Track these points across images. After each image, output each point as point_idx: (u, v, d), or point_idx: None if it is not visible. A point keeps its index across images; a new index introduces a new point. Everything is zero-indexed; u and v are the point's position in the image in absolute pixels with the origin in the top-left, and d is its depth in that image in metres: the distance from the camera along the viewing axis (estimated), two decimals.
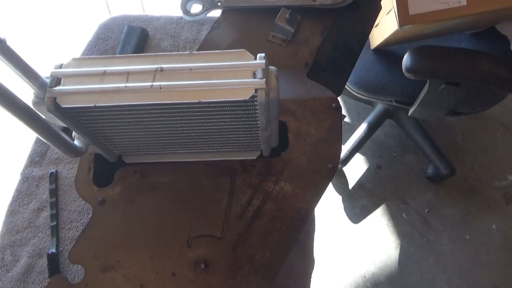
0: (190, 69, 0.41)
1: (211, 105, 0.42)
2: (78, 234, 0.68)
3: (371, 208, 1.47)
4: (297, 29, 0.68)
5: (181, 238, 0.53)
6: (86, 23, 1.73)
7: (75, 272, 0.65)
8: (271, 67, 0.43)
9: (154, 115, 0.44)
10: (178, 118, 0.45)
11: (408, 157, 1.55)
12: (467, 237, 1.39)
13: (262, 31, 0.69)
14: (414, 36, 1.05)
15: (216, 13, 0.73)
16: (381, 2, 0.83)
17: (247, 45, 0.68)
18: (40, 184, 0.74)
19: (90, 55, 0.89)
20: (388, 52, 1.14)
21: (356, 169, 1.54)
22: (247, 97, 0.40)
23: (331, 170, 0.57)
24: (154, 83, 0.40)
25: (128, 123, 0.46)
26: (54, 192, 0.72)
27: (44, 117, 0.42)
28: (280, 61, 0.67)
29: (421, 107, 1.02)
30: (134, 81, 0.41)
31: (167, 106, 0.42)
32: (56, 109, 0.40)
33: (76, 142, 0.49)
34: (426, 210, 1.45)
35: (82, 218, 0.70)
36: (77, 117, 0.44)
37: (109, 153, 0.54)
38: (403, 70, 0.89)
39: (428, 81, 0.94)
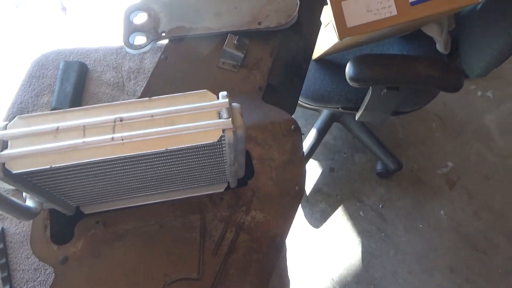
0: (152, 115, 0.40)
1: (178, 150, 0.40)
2: None
3: (330, 210, 1.51)
4: (246, 53, 0.68)
5: (156, 286, 0.51)
6: (18, 60, 1.61)
7: None
8: (234, 104, 0.42)
9: (116, 166, 0.42)
10: (142, 165, 0.43)
11: (358, 156, 1.62)
12: (420, 225, 1.48)
13: (211, 58, 0.68)
14: (351, 45, 1.11)
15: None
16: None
17: (198, 74, 0.67)
18: None
19: (25, 95, 0.82)
20: (329, 61, 1.19)
21: (311, 174, 1.57)
22: (215, 140, 0.39)
23: (299, 192, 0.58)
24: (115, 135, 0.38)
25: (88, 176, 0.43)
26: (3, 252, 0.66)
27: None
28: (234, 87, 0.66)
29: (366, 111, 1.07)
30: (93, 135, 0.38)
31: (130, 158, 0.40)
32: (6, 175, 0.37)
33: (28, 203, 0.45)
34: (380, 205, 1.52)
35: (39, 276, 0.65)
36: (30, 179, 0.41)
37: (66, 207, 0.50)
38: (347, 79, 0.93)
39: (370, 87, 0.99)
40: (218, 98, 0.42)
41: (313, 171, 1.58)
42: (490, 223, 1.48)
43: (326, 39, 0.99)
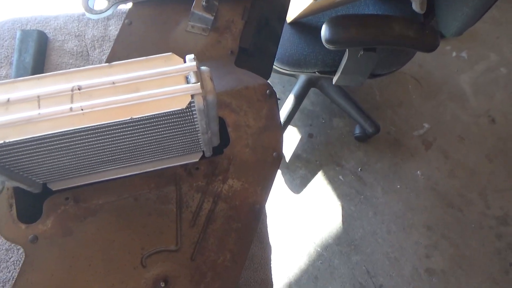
0: (113, 82, 0.37)
1: (144, 119, 0.38)
2: (13, 279, 0.60)
3: (310, 176, 1.52)
4: (216, 16, 0.64)
5: (133, 260, 0.49)
6: None
7: None
8: (203, 68, 0.39)
9: (79, 138, 0.39)
10: (107, 136, 0.41)
11: (336, 121, 1.62)
12: (398, 186, 1.51)
13: (179, 22, 0.64)
14: (327, 6, 1.07)
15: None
16: None
17: (165, 39, 0.63)
18: None
19: None
20: (304, 24, 1.15)
21: (290, 141, 1.57)
22: (183, 106, 0.36)
23: (276, 158, 0.56)
24: (74, 105, 0.35)
25: (50, 151, 0.41)
26: None
27: None
28: (205, 52, 0.63)
29: (343, 74, 1.05)
30: (48, 105, 0.35)
31: (93, 128, 0.37)
32: None
33: None
34: (359, 169, 1.53)
35: (12, 256, 0.62)
36: None
37: (31, 184, 0.48)
38: (323, 42, 0.91)
39: (347, 49, 0.96)
40: (184, 61, 0.39)
41: (292, 137, 1.58)
42: (464, 181, 1.53)
43: (302, 1, 0.96)
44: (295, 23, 1.13)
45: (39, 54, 0.77)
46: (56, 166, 0.45)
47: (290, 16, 1.10)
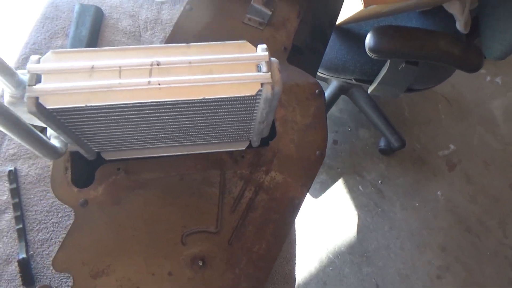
0: (190, 62, 0.38)
1: (213, 101, 0.39)
2: (51, 240, 0.63)
3: (330, 182, 1.52)
4: (273, 12, 0.66)
5: (174, 236, 0.51)
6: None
7: (51, 277, 0.60)
8: (273, 59, 0.41)
9: (147, 111, 0.41)
10: (171, 113, 0.42)
11: (362, 131, 1.62)
12: (417, 204, 1.50)
13: (237, 13, 0.66)
14: (373, 15, 1.08)
15: None
16: None
17: (222, 28, 0.65)
18: None
19: (38, 36, 0.79)
20: (347, 30, 1.16)
21: None
22: (253, 93, 0.38)
23: (319, 157, 0.57)
24: (152, 79, 0.37)
25: (116, 120, 0.42)
26: (15, 192, 0.65)
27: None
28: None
29: (380, 85, 1.06)
30: (128, 77, 0.37)
31: (164, 104, 0.39)
32: (39, 110, 0.36)
33: (53, 142, 0.44)
34: (379, 182, 1.53)
35: (52, 218, 0.65)
36: (59, 117, 0.40)
37: (88, 151, 0.50)
38: (367, 50, 0.91)
39: (388, 60, 0.97)
40: (256, 50, 0.40)
41: None
42: (485, 207, 1.51)
43: (349, 6, 0.97)
44: (338, 28, 1.14)
45: (95, 29, 0.80)
46: (116, 137, 0.47)
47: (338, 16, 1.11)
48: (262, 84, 0.39)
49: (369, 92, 1.11)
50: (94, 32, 0.80)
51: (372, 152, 1.58)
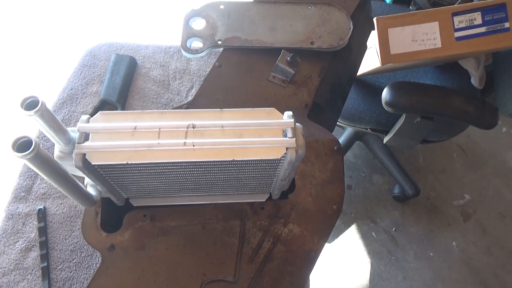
0: (222, 126, 0.42)
1: (242, 162, 0.43)
2: (73, 279, 0.65)
3: (343, 227, 1.52)
4: (297, 70, 0.70)
5: (194, 283, 0.53)
6: (71, 48, 1.68)
7: None
8: (298, 125, 0.44)
9: (181, 168, 0.44)
10: (202, 170, 0.46)
11: (376, 177, 1.63)
12: (431, 254, 1.48)
13: (262, 71, 0.71)
14: (389, 69, 1.13)
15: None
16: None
17: (249, 85, 0.69)
18: (27, 222, 0.70)
19: (75, 82, 0.86)
20: (363, 81, 1.21)
21: None
22: (278, 156, 0.41)
23: (336, 211, 0.60)
24: (187, 140, 0.41)
25: (150, 174, 0.46)
26: (43, 231, 0.69)
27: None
28: (281, 102, 0.69)
29: (396, 136, 1.09)
30: (167, 138, 0.41)
31: (197, 163, 0.42)
32: (85, 165, 0.40)
33: (89, 190, 0.48)
34: (393, 229, 1.53)
35: (75, 258, 0.68)
36: (99, 170, 0.43)
37: (119, 198, 0.53)
38: (383, 104, 0.95)
39: (405, 114, 1.00)
40: (283, 116, 0.44)
41: None
42: (501, 260, 1.48)
43: (367, 61, 1.01)
44: (356, 79, 1.19)
45: (128, 77, 0.86)
46: (146, 186, 0.51)
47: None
48: (287, 148, 0.42)
49: (384, 142, 1.14)
50: (127, 80, 0.86)
51: (386, 198, 1.59)
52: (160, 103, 0.85)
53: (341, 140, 1.55)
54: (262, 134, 0.42)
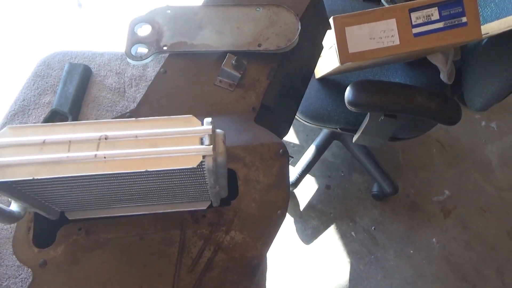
0: (136, 136, 0.41)
1: (157, 172, 0.41)
2: None
3: (322, 228, 1.51)
4: (243, 74, 0.69)
5: None
6: (25, 58, 1.66)
7: None
8: (219, 131, 0.43)
9: (98, 180, 0.43)
10: (123, 181, 0.44)
11: (355, 176, 1.62)
12: (411, 251, 1.48)
13: (209, 75, 0.70)
14: (354, 68, 1.12)
15: None
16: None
17: (195, 90, 0.68)
18: None
19: (27, 93, 0.84)
20: (331, 81, 1.20)
21: (306, 190, 1.58)
22: (194, 165, 0.40)
23: (280, 216, 0.59)
24: (98, 153, 0.40)
25: (71, 187, 0.45)
26: None
27: None
28: (228, 106, 0.68)
29: (364, 135, 1.08)
30: (77, 150, 0.40)
31: (111, 175, 0.41)
32: None
33: (12, 207, 0.47)
34: (373, 228, 1.52)
35: (21, 273, 0.66)
36: (15, 186, 0.42)
37: (50, 212, 0.52)
38: (346, 103, 0.94)
39: (369, 113, 0.99)
40: (202, 123, 0.43)
41: (309, 187, 1.59)
42: (481, 255, 1.48)
43: (329, 61, 1.01)
44: (323, 79, 1.18)
45: (82, 86, 0.84)
46: (75, 200, 0.49)
47: (318, 73, 1.15)
48: (204, 156, 0.41)
49: (353, 141, 1.13)
50: (81, 89, 0.84)
51: (365, 197, 1.58)
52: (115, 111, 0.84)
53: (317, 140, 1.54)
54: (178, 143, 0.41)
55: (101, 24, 1.83)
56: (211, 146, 0.41)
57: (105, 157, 0.39)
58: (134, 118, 0.42)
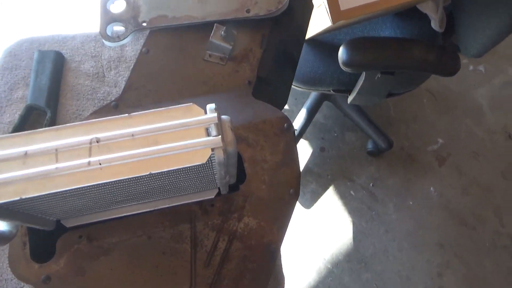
0: (132, 134, 0.36)
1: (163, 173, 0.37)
2: None
3: (321, 191, 1.50)
4: (234, 45, 0.63)
5: None
6: None
7: None
8: (224, 117, 0.38)
9: (96, 188, 0.38)
10: (123, 185, 0.40)
11: (348, 135, 1.60)
12: (410, 203, 1.49)
13: (197, 51, 0.63)
14: (344, 25, 1.06)
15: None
16: None
17: (183, 68, 0.62)
18: None
19: None
20: (320, 41, 1.14)
21: (301, 154, 1.55)
22: (204, 161, 0.35)
23: (293, 195, 0.55)
24: (92, 159, 0.34)
25: (65, 197, 0.40)
26: None
27: None
28: (222, 82, 0.62)
29: (359, 95, 1.04)
30: (66, 159, 0.34)
31: (111, 182, 0.36)
32: None
33: (2, 226, 0.42)
34: (371, 184, 1.51)
35: (24, 285, 0.62)
36: (3, 206, 0.37)
37: (45, 223, 0.47)
38: (340, 65, 0.89)
39: (364, 72, 0.95)
40: (205, 111, 0.38)
41: (303, 151, 1.56)
42: (478, 199, 1.50)
43: (318, 20, 0.94)
44: (311, 40, 1.12)
45: (56, 75, 0.77)
46: (71, 207, 0.45)
47: (307, 34, 1.08)
48: (213, 149, 0.36)
49: (348, 102, 1.09)
50: (56, 79, 0.77)
51: (361, 155, 1.56)
52: (96, 99, 0.77)
53: (308, 103, 1.50)
54: (182, 137, 0.36)
55: (68, 2, 1.69)
56: (219, 136, 0.36)
57: (100, 163, 0.34)
58: (126, 114, 0.37)
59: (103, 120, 0.36)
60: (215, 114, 0.37)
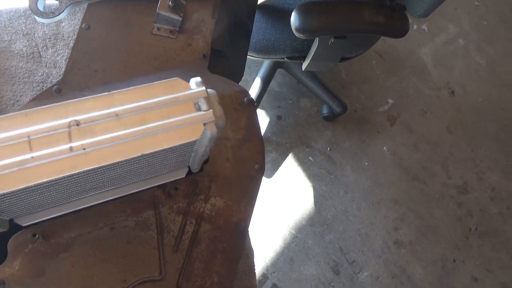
0: (116, 114, 0.32)
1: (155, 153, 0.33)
2: None
3: (281, 159, 1.52)
4: (184, 16, 0.59)
5: None
6: None
7: None
8: (210, 91, 0.35)
9: (74, 178, 0.34)
10: (103, 171, 0.36)
11: (303, 101, 1.61)
12: (366, 163, 1.54)
13: (143, 24, 0.58)
14: None
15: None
16: None
17: (129, 43, 0.57)
18: None
19: None
20: (270, 7, 1.11)
21: None
22: (198, 136, 0.33)
23: (259, 171, 0.54)
24: (74, 144, 0.30)
25: (31, 191, 0.36)
26: None
27: None
28: (175, 57, 0.58)
29: (313, 61, 1.03)
30: (43, 147, 0.30)
31: (97, 168, 0.32)
32: None
33: None
34: (328, 149, 1.55)
35: None
36: None
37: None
38: (293, 31, 0.87)
39: (317, 37, 0.94)
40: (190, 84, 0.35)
41: (261, 121, 1.55)
42: (427, 154, 1.58)
43: None
44: (261, 6, 1.08)
45: None
46: (30, 203, 0.40)
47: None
48: (204, 124, 0.33)
49: (303, 69, 1.08)
50: None
51: (317, 121, 1.58)
52: (35, 82, 0.70)
53: (261, 71, 1.48)
54: (170, 114, 0.33)
55: None
56: (211, 110, 0.33)
57: (84, 148, 0.30)
58: (106, 92, 0.32)
59: (81, 100, 0.32)
60: (203, 88, 0.34)
